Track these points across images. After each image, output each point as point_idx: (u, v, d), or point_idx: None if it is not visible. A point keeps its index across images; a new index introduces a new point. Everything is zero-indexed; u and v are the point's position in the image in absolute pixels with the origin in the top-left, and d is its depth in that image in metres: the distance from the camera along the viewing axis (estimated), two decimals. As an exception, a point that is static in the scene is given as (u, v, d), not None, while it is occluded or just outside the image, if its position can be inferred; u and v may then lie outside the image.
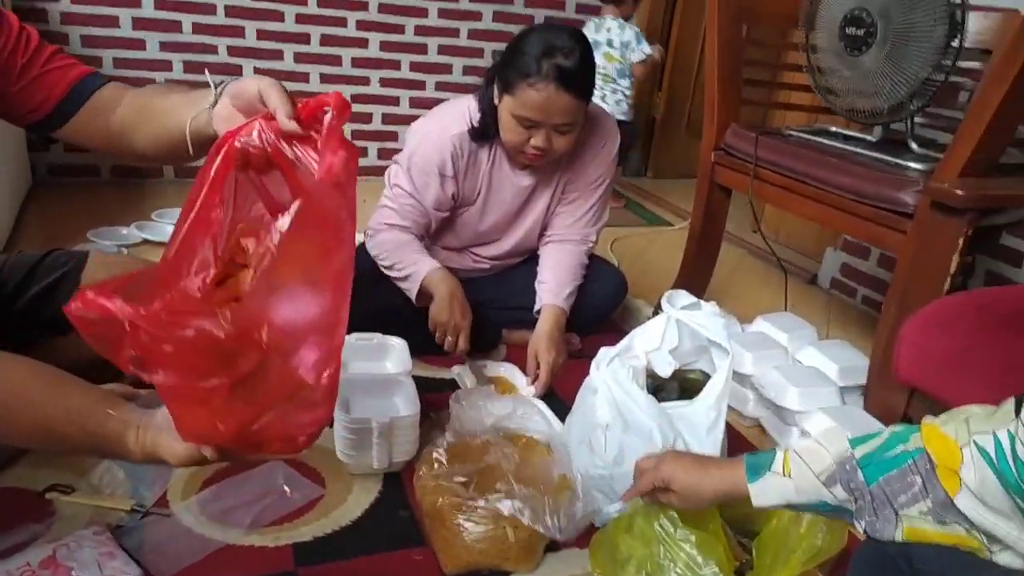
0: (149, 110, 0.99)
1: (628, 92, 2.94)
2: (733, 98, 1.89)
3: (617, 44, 2.87)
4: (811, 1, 1.70)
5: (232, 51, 2.72)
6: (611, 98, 2.89)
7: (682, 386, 1.34)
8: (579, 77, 1.39)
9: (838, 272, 2.40)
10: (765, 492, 0.82)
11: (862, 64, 1.58)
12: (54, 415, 0.84)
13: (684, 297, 1.42)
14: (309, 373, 0.75)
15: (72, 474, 1.13)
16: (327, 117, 0.75)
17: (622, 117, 2.87)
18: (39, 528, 1.03)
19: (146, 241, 2.14)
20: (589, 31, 2.84)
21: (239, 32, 2.71)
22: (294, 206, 0.73)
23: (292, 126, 0.76)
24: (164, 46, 2.64)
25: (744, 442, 1.48)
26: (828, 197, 1.58)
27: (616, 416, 1.17)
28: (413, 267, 1.56)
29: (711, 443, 1.18)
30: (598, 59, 1.82)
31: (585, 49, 1.41)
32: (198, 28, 2.65)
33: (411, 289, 1.56)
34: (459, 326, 1.51)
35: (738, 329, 1.71)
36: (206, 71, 0.94)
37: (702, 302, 1.37)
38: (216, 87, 0.89)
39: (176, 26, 2.62)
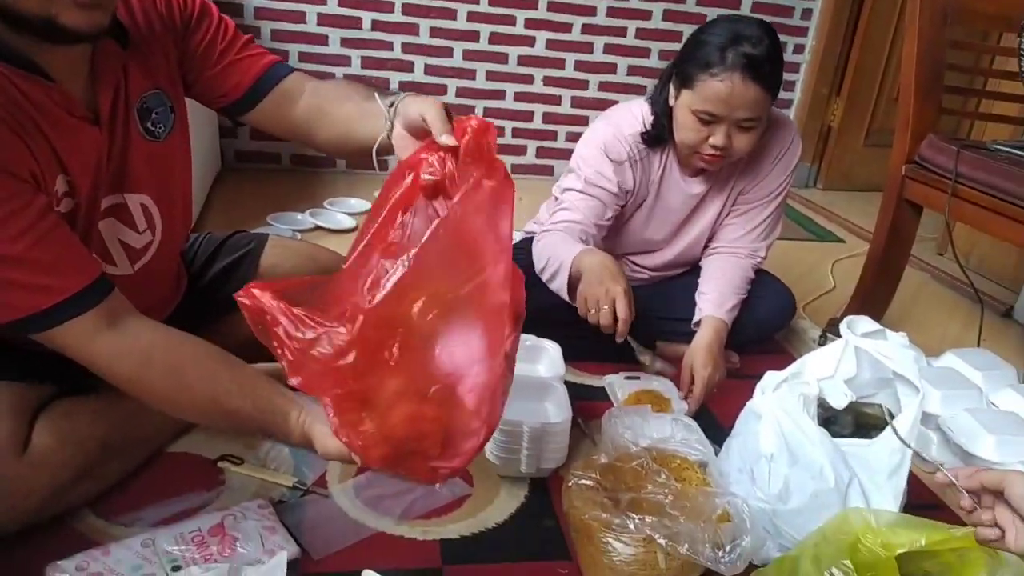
0: (329, 116, 1.07)
1: None
2: (932, 106, 1.72)
3: None
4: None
5: (406, 48, 2.81)
6: None
7: (857, 421, 1.23)
8: (767, 67, 1.30)
9: (1041, 305, 2.13)
10: None
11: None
12: (228, 388, 0.90)
13: (866, 323, 1.30)
14: (467, 398, 0.75)
15: (242, 446, 1.19)
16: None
17: None
18: (210, 495, 1.09)
19: (318, 227, 2.25)
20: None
21: (414, 30, 2.79)
22: (439, 227, 0.77)
23: (450, 141, 0.81)
24: (345, 42, 2.77)
25: (925, 491, 1.33)
26: (1043, 222, 1.39)
27: (783, 447, 1.09)
28: (559, 260, 1.38)
29: (892, 488, 1.07)
30: None
31: (774, 40, 1.31)
32: (377, 25, 2.76)
33: (561, 286, 1.37)
34: (612, 292, 1.25)
35: (924, 363, 1.54)
36: (376, 96, 0.98)
37: (888, 331, 1.24)
38: (389, 108, 0.95)
39: (357, 22, 2.74)
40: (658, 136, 1.46)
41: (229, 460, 1.16)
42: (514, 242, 1.78)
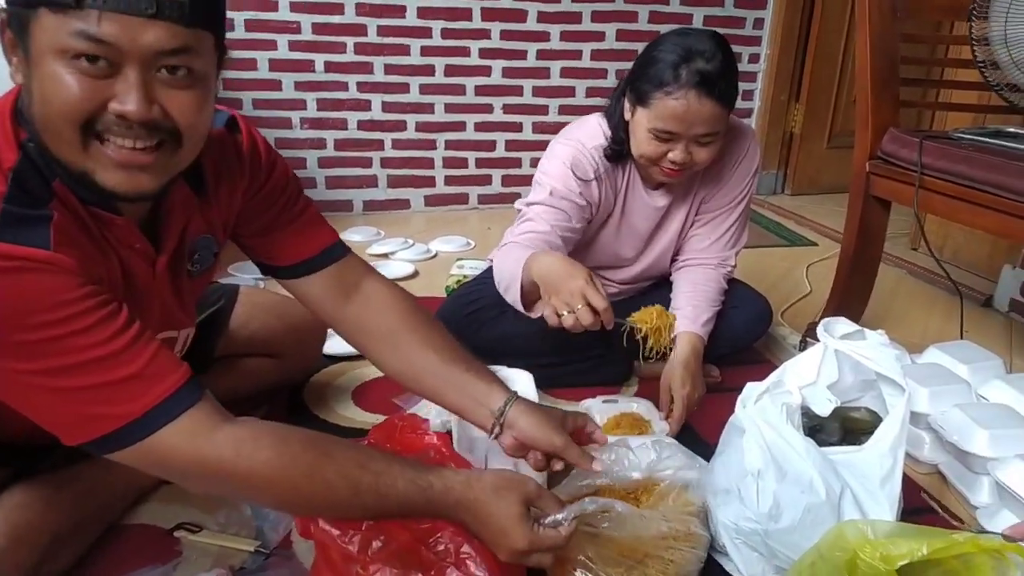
0: (403, 353, 1.03)
1: None
2: (890, 100, 1.70)
3: None
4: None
5: (361, 87, 2.79)
6: None
7: (844, 427, 1.18)
8: (722, 82, 1.26)
9: (1018, 293, 2.10)
10: None
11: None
12: (367, 456, 0.83)
13: (844, 325, 1.25)
14: None
15: (200, 511, 1.12)
16: None
17: None
18: (166, 569, 1.02)
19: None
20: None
21: (368, 68, 2.77)
22: None
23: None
24: (299, 85, 2.74)
25: (921, 493, 1.28)
26: (1012, 206, 1.36)
27: (769, 462, 1.03)
28: (512, 267, 1.25)
29: (887, 496, 1.02)
30: None
31: (727, 52, 1.28)
32: (330, 66, 2.73)
33: (515, 295, 1.24)
34: (579, 287, 1.10)
35: (907, 360, 1.50)
36: (473, 377, 1.00)
37: (866, 331, 1.20)
38: (498, 417, 0.96)
39: (309, 65, 2.71)
40: (618, 152, 1.43)
41: (186, 528, 1.08)
42: (480, 272, 1.77)
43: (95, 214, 0.81)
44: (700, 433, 1.39)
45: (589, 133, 1.46)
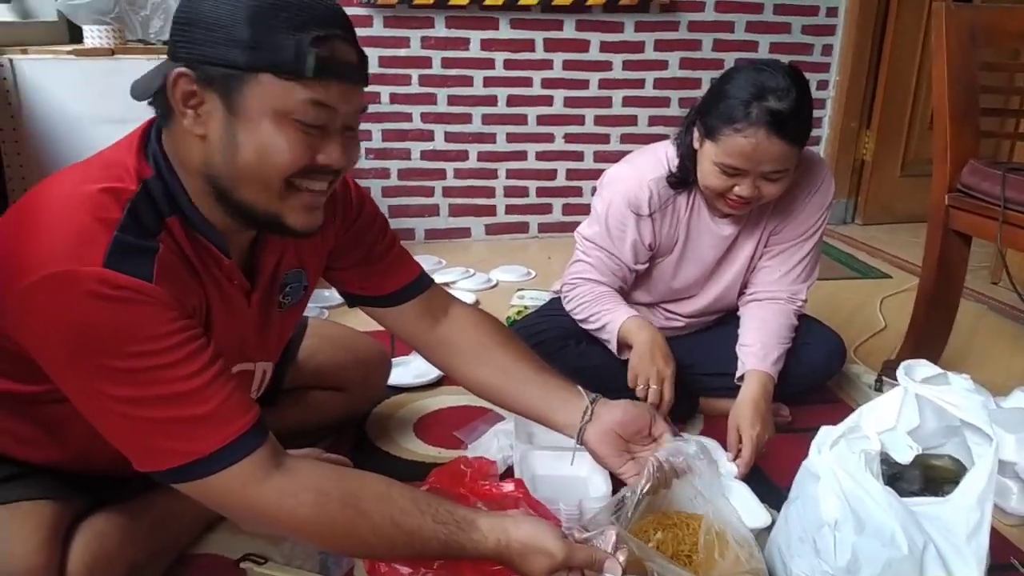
0: (502, 372, 1.12)
1: None
2: (970, 131, 1.63)
3: None
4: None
5: (425, 117, 2.83)
6: None
7: (926, 476, 1.12)
8: (795, 121, 1.24)
9: (1112, 330, 1.99)
10: None
11: None
12: (403, 506, 0.85)
13: (925, 368, 1.19)
14: None
15: (266, 543, 1.13)
16: None
17: None
18: (232, 600, 1.03)
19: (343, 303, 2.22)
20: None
21: (432, 99, 2.81)
22: None
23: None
24: (364, 117, 2.79)
25: (1010, 547, 1.21)
26: (1107, 243, 1.29)
27: (847, 512, 0.98)
28: (609, 316, 1.44)
29: (973, 552, 0.96)
30: None
31: (801, 89, 1.26)
32: (395, 98, 2.79)
33: (609, 339, 1.45)
34: (662, 373, 1.35)
35: (992, 404, 1.42)
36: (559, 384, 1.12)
37: (950, 374, 1.14)
38: (591, 404, 1.08)
39: (375, 97, 2.77)
40: (683, 179, 1.41)
41: (252, 559, 1.09)
42: (544, 302, 1.76)
43: (207, 250, 0.87)
44: (770, 476, 1.34)
45: (653, 162, 1.45)
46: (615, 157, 2.91)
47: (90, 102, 1.87)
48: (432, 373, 1.69)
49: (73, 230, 0.75)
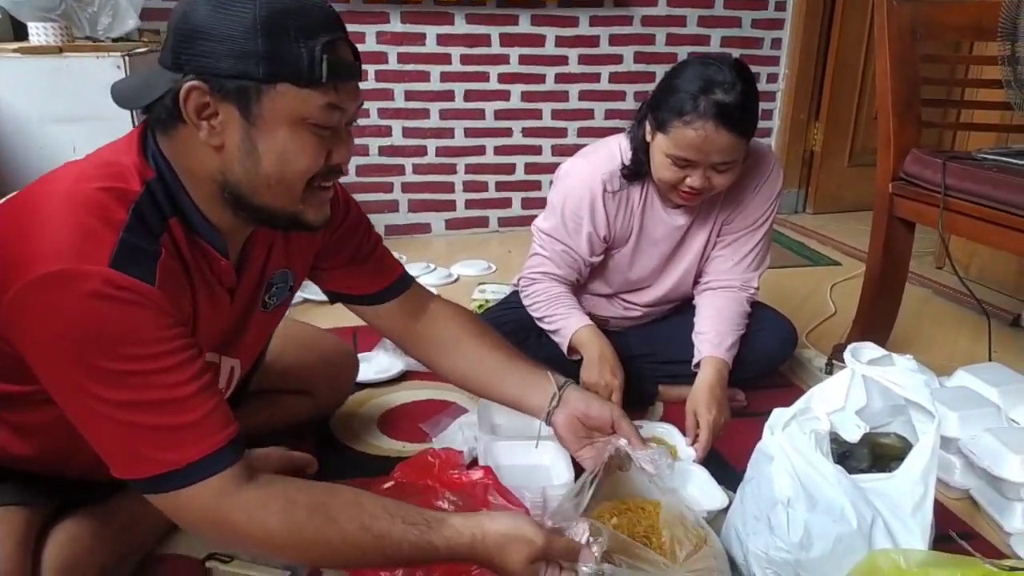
0: (479, 363, 1.17)
1: None
2: (912, 121, 1.70)
3: None
4: (1011, 7, 1.49)
5: (382, 113, 2.83)
6: None
7: (874, 453, 1.17)
8: (741, 113, 1.28)
9: (1048, 311, 2.08)
10: None
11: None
12: (373, 511, 0.85)
13: (871, 350, 1.25)
14: None
15: (231, 541, 1.13)
16: None
17: None
18: (197, 600, 1.03)
19: (306, 300, 2.21)
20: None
21: (389, 95, 2.81)
22: None
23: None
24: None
25: (954, 519, 1.26)
26: (1040, 227, 1.35)
27: (799, 490, 1.02)
28: (563, 322, 1.49)
29: (918, 524, 1.01)
30: None
31: (747, 82, 1.29)
32: (351, 94, 2.77)
33: (562, 343, 1.49)
34: (610, 385, 1.39)
35: (935, 383, 1.49)
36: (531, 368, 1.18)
37: (895, 356, 1.19)
38: (559, 390, 1.13)
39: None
40: (636, 171, 1.44)
41: (217, 558, 1.09)
42: (504, 296, 1.78)
43: (204, 251, 0.88)
44: (727, 459, 1.38)
45: (606, 156, 1.48)
46: (573, 151, 2.91)
47: (38, 101, 1.83)
48: (395, 368, 1.70)
49: (77, 229, 0.74)
